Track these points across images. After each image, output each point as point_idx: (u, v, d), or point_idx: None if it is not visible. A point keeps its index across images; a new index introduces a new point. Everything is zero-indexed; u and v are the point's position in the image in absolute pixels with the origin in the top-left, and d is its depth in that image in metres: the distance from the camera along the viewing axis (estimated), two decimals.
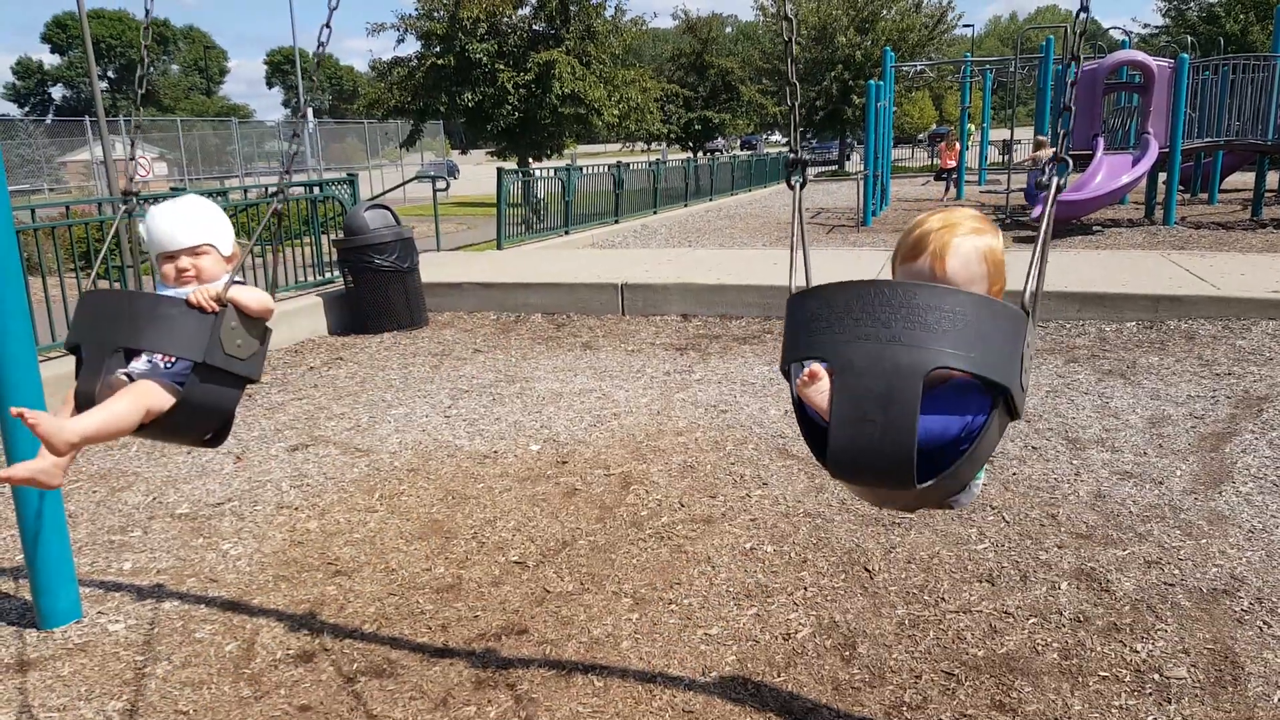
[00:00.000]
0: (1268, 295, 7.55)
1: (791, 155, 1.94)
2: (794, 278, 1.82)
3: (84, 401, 2.08)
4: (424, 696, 2.93)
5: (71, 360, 2.26)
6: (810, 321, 1.61)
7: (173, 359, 2.13)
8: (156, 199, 8.15)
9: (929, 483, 1.57)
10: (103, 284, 7.49)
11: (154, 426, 2.11)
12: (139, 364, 2.18)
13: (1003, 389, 1.53)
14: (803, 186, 1.94)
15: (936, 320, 1.47)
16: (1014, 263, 1.81)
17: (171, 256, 2.22)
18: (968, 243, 1.70)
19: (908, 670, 2.98)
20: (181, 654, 3.23)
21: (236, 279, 2.21)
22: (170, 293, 2.16)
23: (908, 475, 1.50)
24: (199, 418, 2.17)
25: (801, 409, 1.72)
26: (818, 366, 1.61)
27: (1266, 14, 29.52)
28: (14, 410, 1.91)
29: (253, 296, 2.16)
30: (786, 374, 1.76)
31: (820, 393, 1.59)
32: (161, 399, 2.06)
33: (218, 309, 2.05)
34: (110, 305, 2.13)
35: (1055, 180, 1.70)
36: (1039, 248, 1.64)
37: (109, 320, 2.06)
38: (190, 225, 2.22)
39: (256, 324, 2.16)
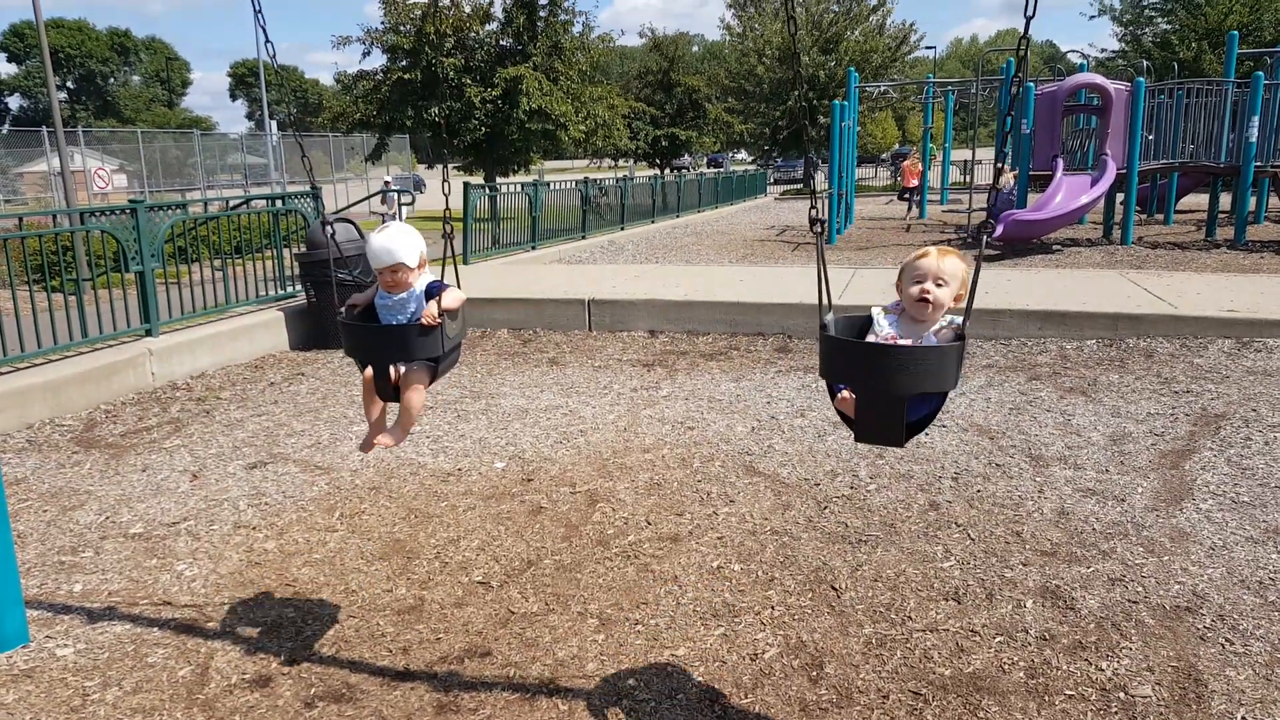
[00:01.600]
0: (1222, 314, 7.69)
1: (813, 213, 2.51)
2: (821, 311, 2.55)
3: (382, 388, 3.09)
4: None
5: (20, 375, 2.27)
6: (841, 357, 2.45)
7: None
8: (117, 211, 8.01)
9: (911, 439, 2.52)
10: (57, 297, 7.32)
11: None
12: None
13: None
14: (822, 234, 2.54)
15: (914, 366, 2.29)
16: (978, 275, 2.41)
17: (381, 271, 3.02)
18: (955, 260, 2.52)
19: (875, 690, 2.96)
20: (133, 679, 3.13)
21: (443, 282, 3.02)
22: (393, 300, 3.06)
23: (899, 442, 2.47)
24: (444, 373, 3.20)
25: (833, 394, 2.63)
26: (847, 393, 2.50)
27: (1218, 42, 30.28)
28: (377, 441, 3.14)
29: (454, 299, 3.00)
30: (825, 377, 2.60)
31: (849, 406, 2.50)
32: (428, 377, 3.09)
33: (439, 321, 2.91)
34: (380, 335, 3.04)
35: (984, 238, 2.54)
36: (973, 284, 2.41)
37: (384, 345, 3.02)
38: (389, 251, 2.97)
39: (457, 313, 3.06)
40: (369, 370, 3.10)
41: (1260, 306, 7.96)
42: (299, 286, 9.02)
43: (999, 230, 13.63)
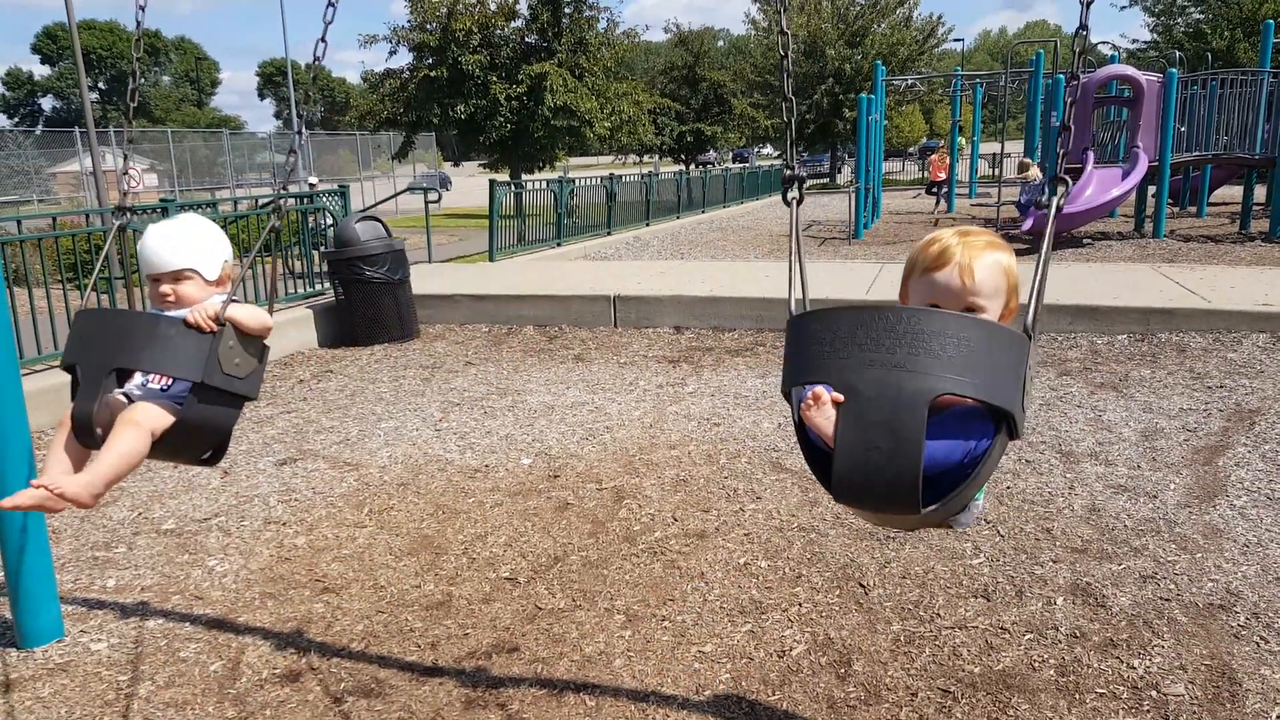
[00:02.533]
0: (1257, 308, 7.57)
1: (787, 171, 1.92)
2: (792, 296, 1.80)
3: (82, 422, 2.05)
4: (412, 717, 2.88)
5: (56, 373, 2.24)
6: (814, 345, 1.60)
7: (170, 380, 2.11)
8: (149, 210, 8.11)
9: (932, 507, 1.57)
10: (92, 298, 7.42)
11: (152, 447, 2.07)
12: (134, 384, 2.16)
13: (1005, 414, 1.53)
14: (799, 203, 1.93)
15: (941, 346, 1.47)
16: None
17: (156, 279, 2.21)
18: (991, 256, 1.70)
19: (904, 688, 2.94)
20: (165, 674, 3.17)
21: (234, 297, 2.19)
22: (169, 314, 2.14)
23: (913, 501, 1.50)
24: (197, 438, 2.15)
25: (804, 431, 1.69)
26: (821, 390, 1.58)
27: (1252, 31, 29.79)
28: (35, 484, 1.90)
29: (250, 315, 2.14)
30: (788, 396, 1.71)
31: (826, 419, 1.57)
32: (162, 420, 2.04)
33: (216, 329, 2.04)
34: (106, 325, 2.10)
35: (1055, 201, 1.68)
36: (1039, 272, 1.63)
37: (105, 340, 2.03)
38: (174, 250, 2.20)
39: (254, 342, 2.15)
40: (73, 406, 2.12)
41: None
42: (328, 284, 9.09)
43: (1028, 224, 13.50)
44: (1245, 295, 8.14)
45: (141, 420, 2.02)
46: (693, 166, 39.52)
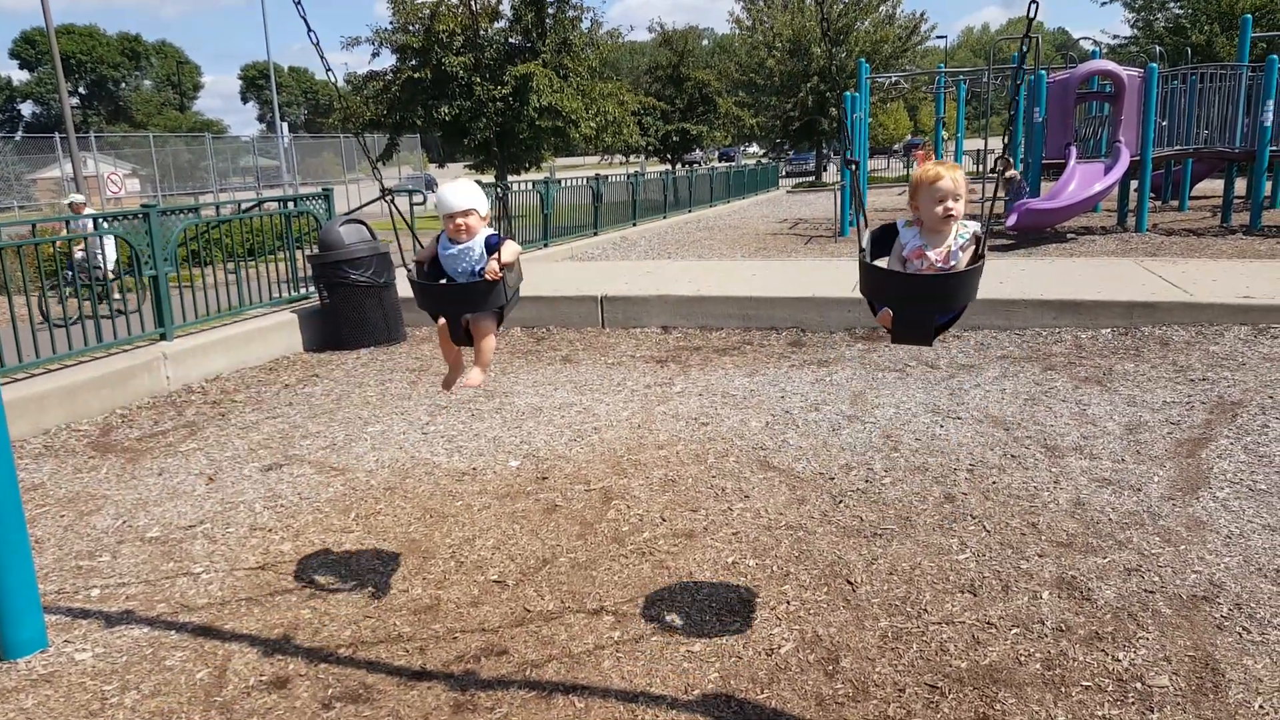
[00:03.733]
0: (1239, 301, 7.63)
1: (846, 154, 2.88)
2: (860, 240, 2.90)
3: (459, 336, 3.34)
4: None
5: (36, 382, 2.29)
6: (879, 282, 2.77)
7: None
8: (126, 216, 8.06)
9: (939, 336, 2.93)
10: (71, 302, 7.37)
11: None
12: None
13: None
14: (858, 167, 2.90)
15: (942, 291, 2.69)
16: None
17: (451, 216, 3.25)
18: (958, 171, 2.81)
19: (891, 684, 2.95)
20: (151, 682, 3.15)
21: (501, 235, 3.25)
22: (457, 250, 3.28)
23: (928, 341, 2.85)
24: (507, 315, 3.43)
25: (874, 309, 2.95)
26: (886, 313, 2.79)
27: (1231, 25, 29.98)
28: (464, 383, 3.46)
29: (511, 253, 3.23)
30: (865, 295, 2.91)
31: (889, 319, 2.80)
32: (494, 326, 3.37)
33: (500, 275, 3.16)
34: (450, 292, 3.29)
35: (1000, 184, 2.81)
36: (993, 195, 2.91)
37: (455, 300, 3.27)
38: (463, 197, 3.24)
39: (515, 265, 3.30)
40: (442, 321, 3.36)
41: (1277, 292, 7.89)
42: (312, 288, 9.05)
43: (1012, 219, 13.55)
44: (1227, 288, 8.20)
45: (487, 330, 3.36)
46: (679, 166, 39.52)
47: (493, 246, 3.22)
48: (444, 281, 3.34)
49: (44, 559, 4.14)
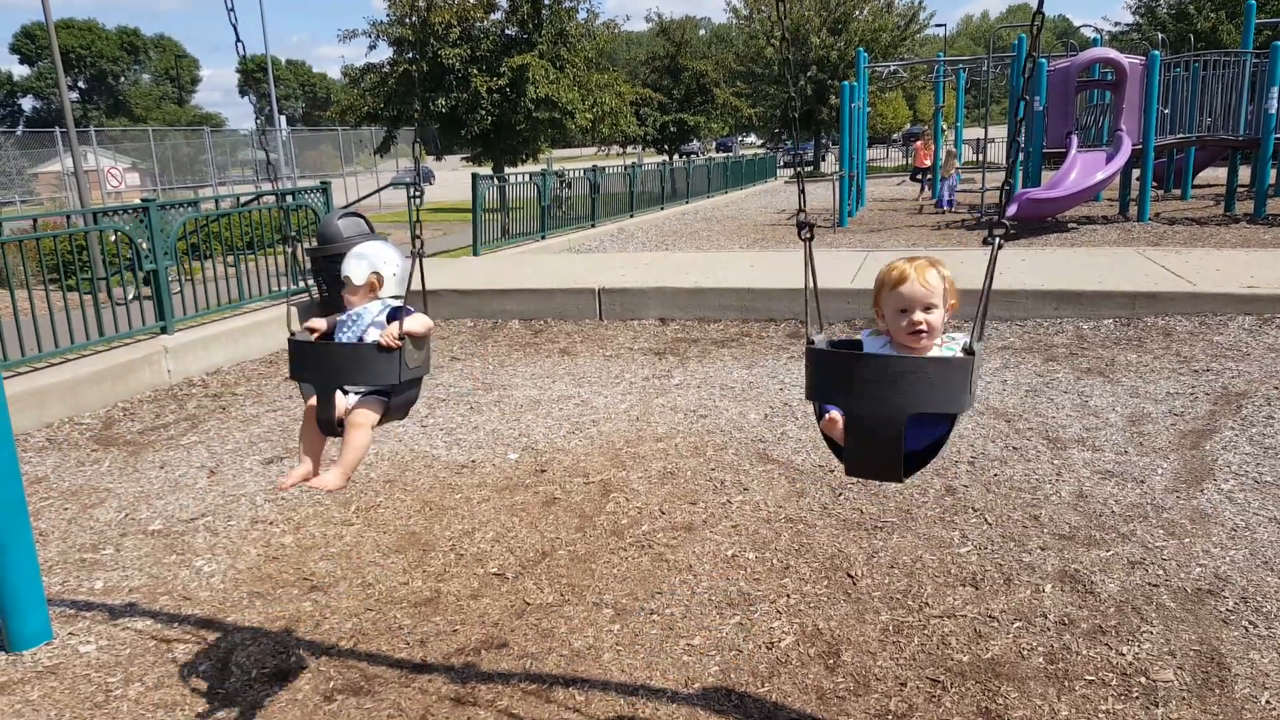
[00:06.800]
0: (1243, 290, 7.60)
1: (801, 216, 2.26)
2: (809, 327, 2.32)
3: (325, 420, 2.76)
4: (402, 714, 2.87)
5: (39, 375, 2.26)
6: (827, 376, 2.20)
7: None
8: (128, 210, 8.04)
9: (911, 475, 2.24)
10: (73, 296, 7.36)
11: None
12: (354, 391, 2.84)
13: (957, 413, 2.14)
14: (811, 239, 2.29)
15: (912, 383, 2.01)
16: (980, 261, 2.13)
17: (347, 278, 2.84)
18: (932, 270, 2.22)
19: (892, 678, 2.95)
20: (154, 674, 3.15)
21: (407, 306, 2.71)
22: (347, 315, 2.84)
23: (897, 477, 2.19)
24: (399, 412, 2.89)
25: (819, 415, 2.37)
26: (836, 414, 2.22)
27: (1236, 11, 29.86)
28: (299, 477, 2.86)
29: (419, 325, 2.71)
30: (812, 400, 2.32)
31: (837, 433, 2.23)
32: (376, 414, 2.78)
33: (399, 344, 2.62)
34: (326, 355, 2.74)
35: (995, 241, 2.21)
36: (983, 301, 2.12)
37: (328, 366, 2.71)
38: (358, 259, 2.83)
39: (423, 341, 2.76)
40: (312, 400, 2.78)
41: None
42: (311, 281, 9.03)
43: (1013, 209, 13.51)
44: (1230, 278, 8.18)
45: (363, 421, 2.76)
46: (676, 157, 39.42)
47: (395, 317, 2.68)
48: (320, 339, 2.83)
49: (48, 552, 4.13)
